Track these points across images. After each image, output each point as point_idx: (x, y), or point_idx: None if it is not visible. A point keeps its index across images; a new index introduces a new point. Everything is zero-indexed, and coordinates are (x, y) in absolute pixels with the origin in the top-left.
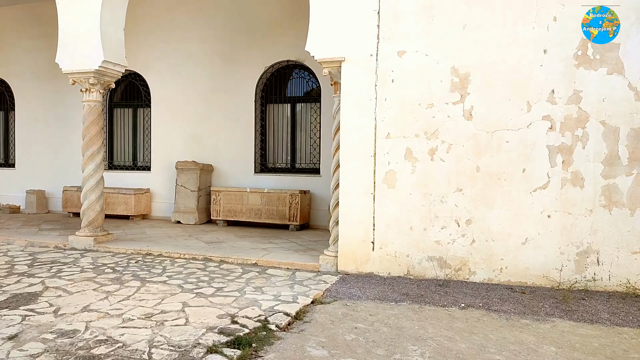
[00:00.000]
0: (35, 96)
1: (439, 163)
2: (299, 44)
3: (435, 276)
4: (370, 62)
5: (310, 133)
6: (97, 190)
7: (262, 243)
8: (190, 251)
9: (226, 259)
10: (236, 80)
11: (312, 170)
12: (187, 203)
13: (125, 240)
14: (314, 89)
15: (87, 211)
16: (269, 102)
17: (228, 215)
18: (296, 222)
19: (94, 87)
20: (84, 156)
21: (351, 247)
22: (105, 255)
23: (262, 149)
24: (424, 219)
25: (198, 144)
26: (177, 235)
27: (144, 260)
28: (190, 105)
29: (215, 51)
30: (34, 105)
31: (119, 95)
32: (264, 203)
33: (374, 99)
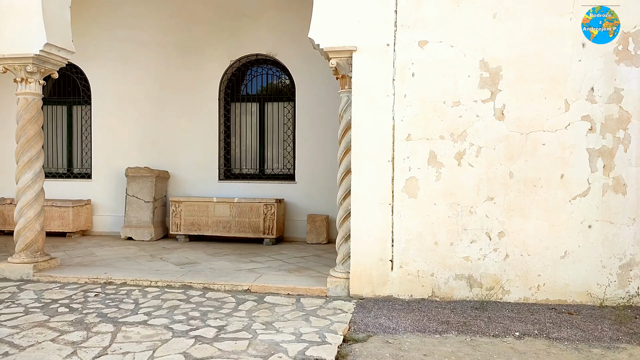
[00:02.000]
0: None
1: (467, 169)
2: (270, 36)
3: (464, 297)
4: (386, 52)
5: (283, 135)
6: (37, 205)
7: (243, 262)
8: (163, 277)
9: (210, 285)
10: (197, 75)
11: (285, 176)
12: (141, 216)
13: (72, 266)
14: (287, 86)
15: (24, 231)
16: (234, 100)
17: (191, 230)
18: (272, 235)
19: (32, 77)
20: (19, 162)
21: (366, 267)
22: (51, 288)
23: (226, 153)
24: (450, 233)
25: (151, 147)
26: (135, 256)
27: (105, 292)
28: (140, 103)
29: (171, 42)
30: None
31: (50, 90)
32: (234, 214)
33: (391, 95)
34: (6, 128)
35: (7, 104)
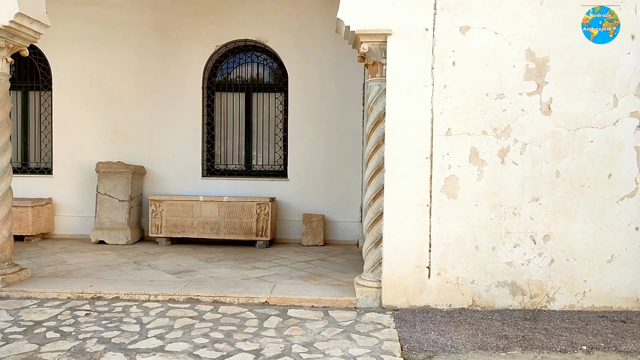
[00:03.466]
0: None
1: (511, 167)
2: (261, 20)
3: (507, 306)
4: (425, 38)
5: (274, 129)
6: (4, 207)
7: (245, 269)
8: (162, 289)
9: (221, 298)
10: (178, 60)
11: (275, 173)
12: (115, 217)
13: (46, 277)
14: (277, 76)
15: None
16: (218, 89)
17: (173, 232)
18: (266, 237)
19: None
20: None
21: (401, 275)
22: (27, 306)
23: (210, 147)
24: (492, 236)
25: (124, 140)
26: (117, 264)
27: (97, 310)
28: (111, 90)
29: (149, 22)
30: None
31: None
32: (222, 215)
33: (430, 86)
34: None
35: None
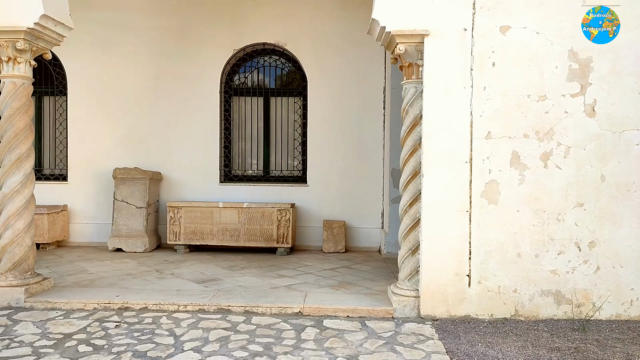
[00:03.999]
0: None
1: (554, 171)
2: (279, 23)
3: (551, 315)
4: (463, 38)
5: (294, 133)
6: (27, 215)
7: (271, 277)
8: (191, 299)
9: (253, 309)
10: (195, 65)
11: (294, 178)
12: (132, 224)
13: (69, 287)
14: (296, 80)
15: (11, 247)
16: (236, 94)
17: (192, 239)
18: (287, 244)
19: (22, 56)
20: (4, 161)
21: (440, 284)
22: (53, 317)
23: (227, 152)
24: (535, 243)
25: (139, 145)
26: (139, 273)
27: (126, 322)
28: (128, 95)
29: (166, 26)
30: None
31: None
32: (242, 221)
33: (469, 87)
34: None
35: None
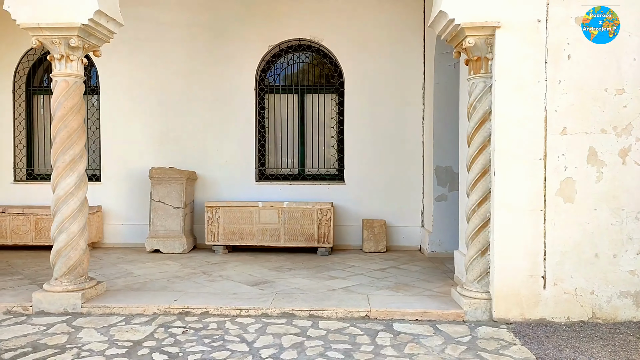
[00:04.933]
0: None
1: (633, 167)
2: (315, 18)
3: (630, 318)
4: (537, 30)
5: (330, 131)
6: (81, 218)
7: (324, 279)
8: (252, 303)
9: (318, 312)
10: (229, 61)
11: (331, 177)
12: (169, 224)
13: (122, 291)
14: (333, 76)
15: (66, 250)
16: (270, 91)
17: (231, 239)
18: (328, 244)
19: (74, 54)
20: (58, 163)
21: (513, 285)
22: (115, 323)
23: (261, 151)
24: (613, 243)
25: (173, 144)
26: (186, 275)
27: (190, 327)
28: (161, 93)
29: (199, 22)
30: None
31: (40, 77)
32: (282, 221)
33: (543, 81)
34: None
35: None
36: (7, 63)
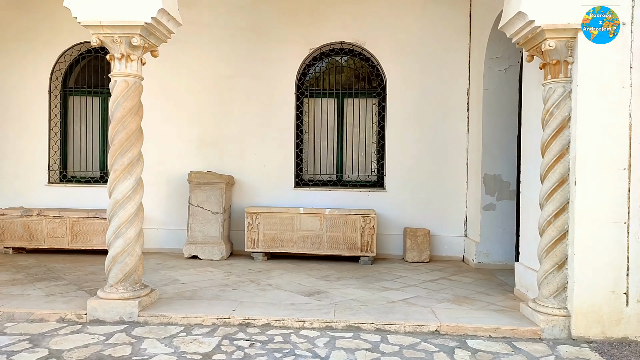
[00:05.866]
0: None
1: None
2: (357, 21)
3: None
4: (622, 33)
5: (371, 136)
6: (137, 222)
7: (376, 289)
8: (313, 315)
9: (385, 326)
10: (269, 64)
11: (371, 183)
12: (208, 230)
13: (174, 299)
14: (375, 80)
15: (122, 256)
16: (307, 95)
17: (271, 246)
18: (371, 253)
19: (135, 53)
20: (116, 166)
21: (594, 302)
22: (176, 334)
23: (299, 156)
24: None
25: (211, 148)
26: (234, 283)
27: (255, 339)
28: (198, 96)
29: (239, 24)
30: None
31: (75, 78)
32: (324, 228)
33: (628, 87)
34: (22, 122)
35: (11, 89)
36: (43, 63)
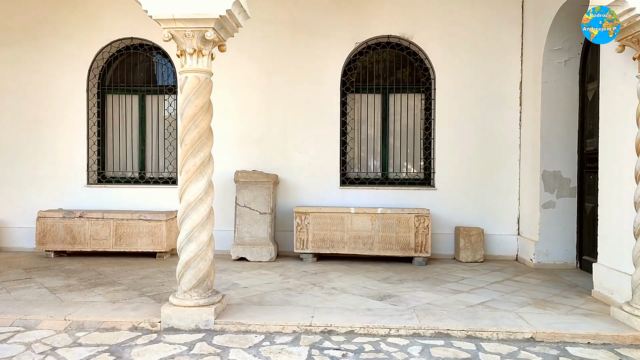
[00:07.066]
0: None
1: None
2: (405, 14)
3: None
4: None
5: (420, 133)
6: (210, 226)
7: (445, 292)
8: (398, 321)
9: (476, 333)
10: (314, 60)
11: (419, 181)
12: (256, 231)
13: (242, 305)
14: (423, 75)
15: (195, 261)
16: (358, 91)
17: (321, 247)
18: (426, 253)
19: (206, 47)
20: (187, 166)
21: None
22: (260, 343)
23: (344, 153)
24: None
25: (255, 146)
26: (294, 286)
27: (345, 348)
28: (241, 92)
29: (282, 18)
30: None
31: (112, 75)
32: (376, 228)
33: None
34: (60, 121)
35: (50, 89)
36: (80, 61)
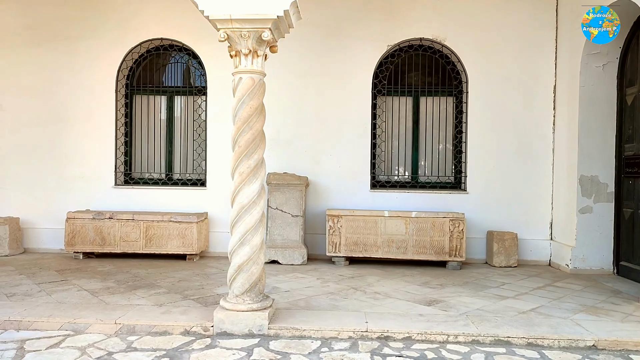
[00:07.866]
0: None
1: None
2: (438, 16)
3: None
4: None
5: (452, 136)
6: (262, 229)
7: (491, 297)
8: (455, 327)
9: (537, 340)
10: (346, 62)
11: (451, 185)
12: (287, 234)
13: (291, 310)
14: (456, 78)
15: (248, 265)
16: (390, 93)
17: (354, 250)
18: (460, 258)
19: (261, 48)
20: (240, 169)
21: None
22: (319, 349)
23: (375, 156)
24: None
25: (285, 148)
26: (335, 290)
27: (406, 355)
28: (272, 94)
29: (313, 20)
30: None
31: (140, 76)
32: (410, 232)
33: None
34: (88, 122)
35: (77, 91)
36: (110, 61)
